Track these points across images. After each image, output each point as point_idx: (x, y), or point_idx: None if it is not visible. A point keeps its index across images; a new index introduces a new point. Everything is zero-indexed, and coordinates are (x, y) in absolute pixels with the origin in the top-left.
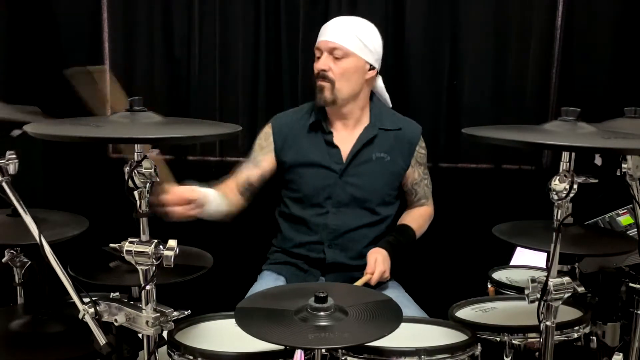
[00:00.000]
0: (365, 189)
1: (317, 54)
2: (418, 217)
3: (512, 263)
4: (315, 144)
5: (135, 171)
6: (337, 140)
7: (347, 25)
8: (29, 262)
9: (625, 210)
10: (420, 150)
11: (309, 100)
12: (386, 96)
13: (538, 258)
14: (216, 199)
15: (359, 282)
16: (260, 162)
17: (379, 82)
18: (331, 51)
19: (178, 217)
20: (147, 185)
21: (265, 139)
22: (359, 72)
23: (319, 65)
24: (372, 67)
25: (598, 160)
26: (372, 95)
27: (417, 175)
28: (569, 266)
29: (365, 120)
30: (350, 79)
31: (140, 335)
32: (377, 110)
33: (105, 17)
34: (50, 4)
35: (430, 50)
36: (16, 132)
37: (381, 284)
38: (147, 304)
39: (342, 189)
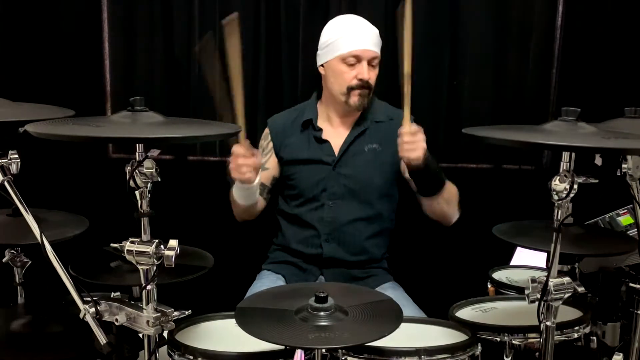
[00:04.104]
0: (359, 180)
1: (351, 60)
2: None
3: (512, 263)
4: (307, 142)
5: (137, 171)
6: (328, 135)
7: (375, 32)
8: (30, 262)
9: (625, 210)
10: None
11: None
12: None
13: (538, 258)
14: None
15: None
16: (264, 164)
17: None
18: (371, 60)
19: (242, 172)
20: (149, 185)
21: (265, 140)
22: None
23: (363, 75)
24: None
25: (598, 160)
26: None
27: None
28: (569, 266)
29: (357, 113)
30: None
31: (140, 335)
32: (369, 102)
33: (105, 17)
34: (51, 3)
35: (430, 50)
36: (22, 129)
37: (380, 280)
38: (147, 303)
39: (336, 181)
